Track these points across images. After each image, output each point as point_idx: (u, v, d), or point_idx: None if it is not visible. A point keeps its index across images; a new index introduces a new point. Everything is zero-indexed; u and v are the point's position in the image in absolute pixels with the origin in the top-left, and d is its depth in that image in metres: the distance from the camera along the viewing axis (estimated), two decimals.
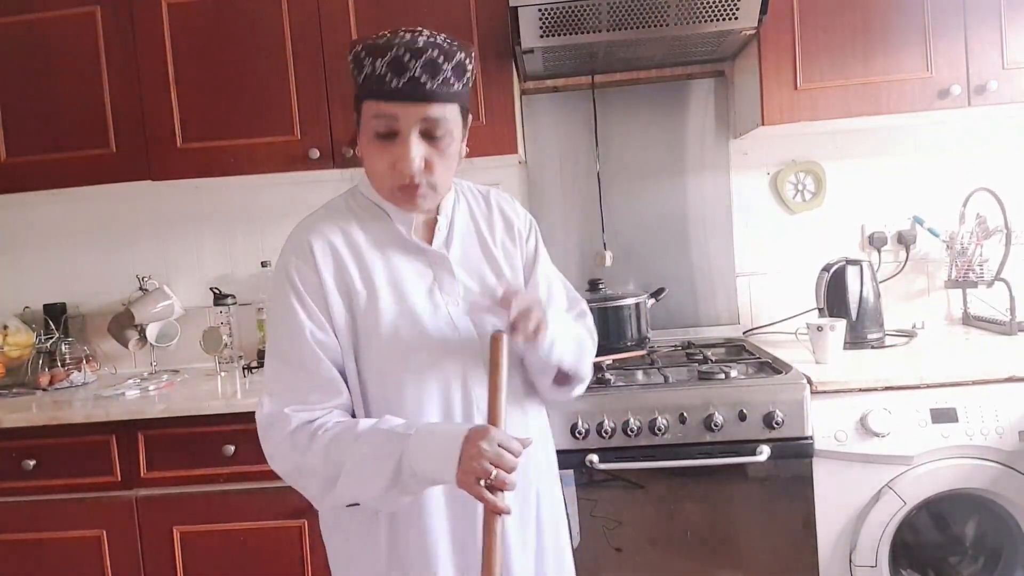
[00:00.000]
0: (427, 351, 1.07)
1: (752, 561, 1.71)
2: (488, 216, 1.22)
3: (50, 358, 2.28)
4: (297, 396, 1.05)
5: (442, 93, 1.02)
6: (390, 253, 1.12)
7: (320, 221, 1.12)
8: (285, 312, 1.07)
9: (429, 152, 1.04)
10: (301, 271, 1.07)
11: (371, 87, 1.01)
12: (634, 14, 1.85)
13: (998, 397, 1.66)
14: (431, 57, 0.99)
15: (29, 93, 2.08)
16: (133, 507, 1.84)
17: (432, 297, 1.11)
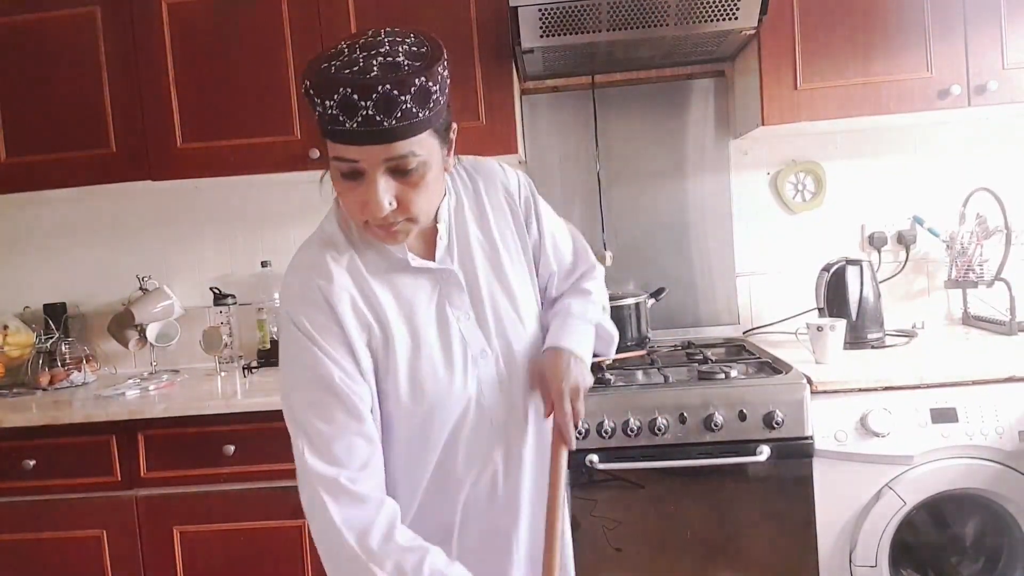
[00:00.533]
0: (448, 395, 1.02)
1: (752, 561, 1.71)
2: (480, 205, 1.13)
3: (50, 358, 2.28)
4: (343, 462, 0.95)
5: (403, 128, 0.89)
6: (395, 279, 1.03)
7: (322, 259, 1.01)
8: (318, 368, 0.96)
9: (401, 188, 0.93)
10: (316, 321, 0.97)
11: (326, 127, 0.90)
12: (634, 14, 1.85)
13: (998, 397, 1.66)
14: (383, 93, 0.85)
15: (29, 93, 2.08)
16: (133, 507, 1.84)
17: (444, 318, 1.04)
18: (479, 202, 1.14)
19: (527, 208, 1.18)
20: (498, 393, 1.06)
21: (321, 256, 1.01)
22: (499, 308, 1.08)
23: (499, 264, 1.11)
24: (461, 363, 1.04)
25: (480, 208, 1.13)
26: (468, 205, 1.12)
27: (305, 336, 0.97)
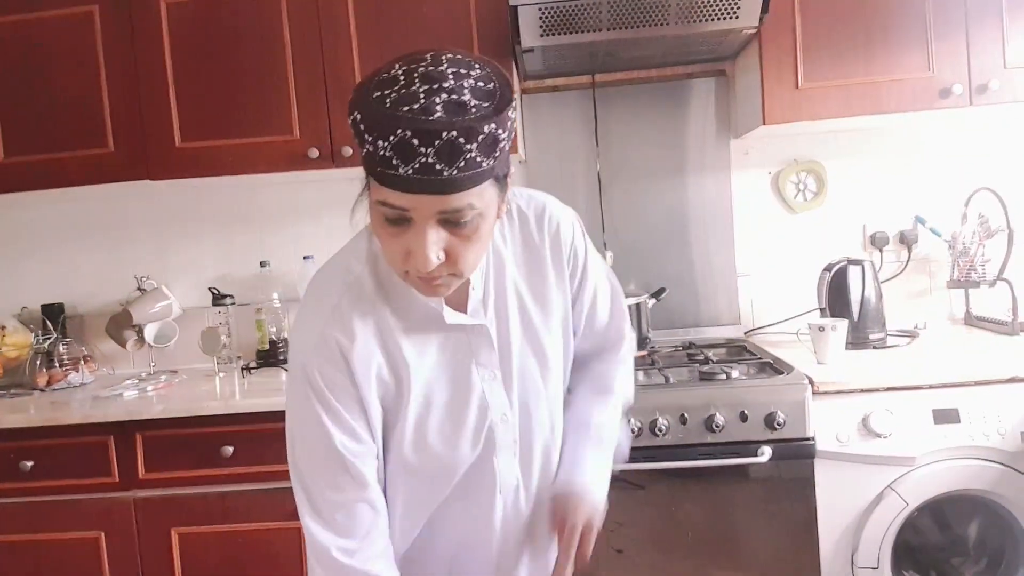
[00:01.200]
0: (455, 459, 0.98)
1: (753, 562, 1.70)
2: (523, 247, 1.02)
3: (48, 358, 2.27)
4: (345, 530, 0.92)
5: (464, 179, 0.77)
6: (420, 330, 0.94)
7: (345, 310, 0.91)
8: (320, 429, 0.91)
9: (451, 241, 0.82)
10: (329, 378, 0.90)
11: (374, 169, 0.78)
12: (634, 13, 1.85)
13: (1000, 398, 1.65)
14: (448, 140, 0.73)
15: (27, 93, 2.07)
16: (131, 508, 1.83)
17: (467, 375, 0.97)
18: (523, 245, 1.02)
19: (574, 260, 1.06)
20: (510, 457, 1.01)
21: (344, 305, 0.91)
22: (527, 369, 1.00)
23: (534, 320, 1.01)
24: (474, 427, 0.97)
25: (524, 252, 1.02)
26: (511, 250, 1.01)
27: (315, 393, 0.90)
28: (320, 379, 0.90)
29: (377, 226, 0.84)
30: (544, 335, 1.01)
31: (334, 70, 2.01)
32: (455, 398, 0.96)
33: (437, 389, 0.95)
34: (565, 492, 1.04)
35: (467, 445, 0.97)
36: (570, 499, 1.03)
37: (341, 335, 0.90)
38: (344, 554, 0.91)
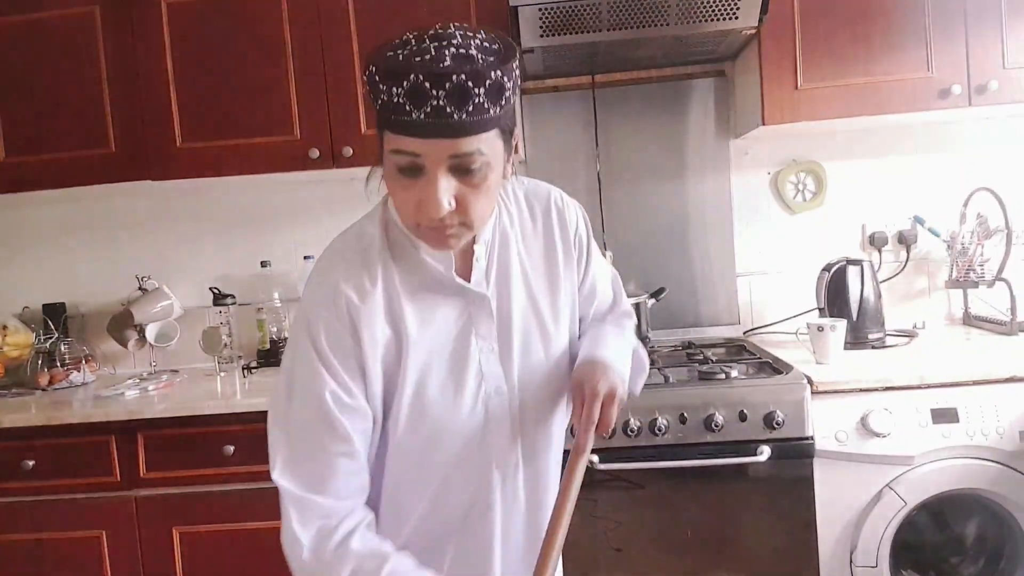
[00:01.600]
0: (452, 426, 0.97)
1: (753, 562, 1.70)
2: (531, 231, 1.05)
3: (49, 358, 2.28)
4: (315, 480, 0.92)
5: (474, 123, 0.82)
6: (425, 296, 0.97)
7: (357, 269, 0.95)
8: (317, 384, 0.91)
9: (461, 189, 0.86)
10: (333, 332, 0.91)
11: (388, 117, 0.83)
12: (634, 14, 1.85)
13: (999, 397, 1.66)
14: (458, 83, 0.79)
15: (28, 93, 2.08)
16: (133, 507, 1.84)
17: (466, 344, 0.98)
18: (532, 229, 1.06)
19: (580, 247, 1.10)
20: (508, 433, 1.00)
21: (356, 265, 0.95)
22: (530, 346, 1.01)
23: (539, 300, 1.03)
24: (472, 394, 0.98)
25: (532, 235, 1.05)
26: (518, 230, 1.04)
27: (314, 344, 0.91)
28: (323, 332, 0.91)
29: (390, 179, 0.88)
30: (549, 317, 1.03)
31: (334, 70, 2.01)
32: (455, 365, 0.97)
33: (437, 355, 0.96)
34: (586, 364, 1.03)
35: (466, 410, 0.97)
36: (591, 368, 1.01)
37: (351, 292, 0.93)
38: (317, 495, 0.91)
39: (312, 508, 0.90)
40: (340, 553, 0.89)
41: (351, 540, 0.90)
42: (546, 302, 1.03)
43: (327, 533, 0.89)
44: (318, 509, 0.90)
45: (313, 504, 0.90)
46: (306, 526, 0.90)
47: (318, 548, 0.89)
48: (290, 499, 0.91)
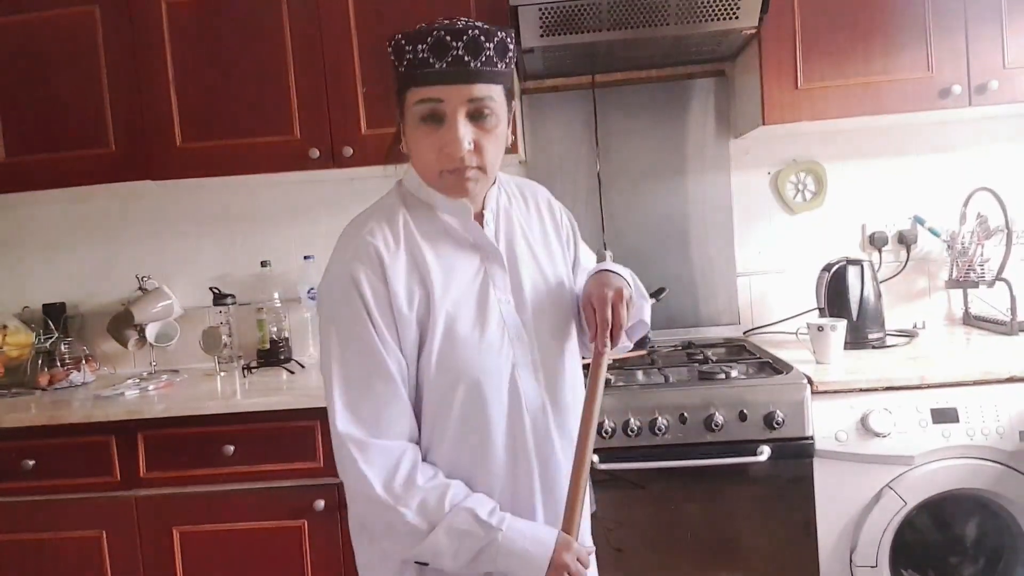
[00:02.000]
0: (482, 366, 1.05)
1: (752, 561, 1.70)
2: (527, 211, 1.20)
3: (49, 358, 2.28)
4: (372, 425, 1.02)
5: (486, 72, 1.00)
6: (443, 250, 1.08)
7: (378, 221, 1.07)
8: (359, 331, 1.02)
9: (477, 134, 1.02)
10: (370, 280, 1.02)
11: (414, 73, 0.99)
12: (634, 13, 1.85)
13: (999, 397, 1.66)
14: (473, 36, 0.98)
15: (28, 93, 2.08)
16: (133, 507, 1.84)
17: (485, 295, 1.08)
18: (528, 208, 1.20)
19: (570, 231, 1.25)
20: (532, 377, 1.09)
21: (381, 225, 1.07)
22: (541, 300, 1.12)
23: (543, 264, 1.16)
24: (498, 339, 1.06)
25: (527, 216, 1.19)
26: (517, 208, 1.19)
27: (355, 296, 1.01)
28: (361, 282, 1.01)
29: (414, 132, 1.03)
30: (552, 277, 1.16)
31: (334, 70, 2.01)
32: (480, 314, 1.07)
33: (464, 304, 1.06)
34: (590, 282, 1.15)
35: (493, 352, 1.06)
36: (595, 282, 1.13)
37: (380, 244, 1.04)
38: (375, 437, 1.01)
39: (374, 450, 1.01)
40: (408, 486, 1.00)
41: (416, 475, 1.01)
42: (549, 267, 1.16)
43: (392, 471, 1.00)
44: (380, 450, 1.01)
45: (375, 446, 1.01)
46: (372, 466, 1.00)
47: (388, 485, 1.00)
48: (353, 444, 1.01)
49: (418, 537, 1.00)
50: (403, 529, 1.00)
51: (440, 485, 1.02)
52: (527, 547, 1.01)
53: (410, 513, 0.99)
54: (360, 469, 1.00)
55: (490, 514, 1.02)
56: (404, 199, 1.12)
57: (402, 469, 1.01)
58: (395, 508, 0.99)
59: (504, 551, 1.01)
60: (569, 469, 1.07)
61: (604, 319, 1.08)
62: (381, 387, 1.02)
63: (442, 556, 1.01)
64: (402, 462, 1.01)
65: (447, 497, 1.01)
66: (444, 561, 1.02)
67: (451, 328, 1.04)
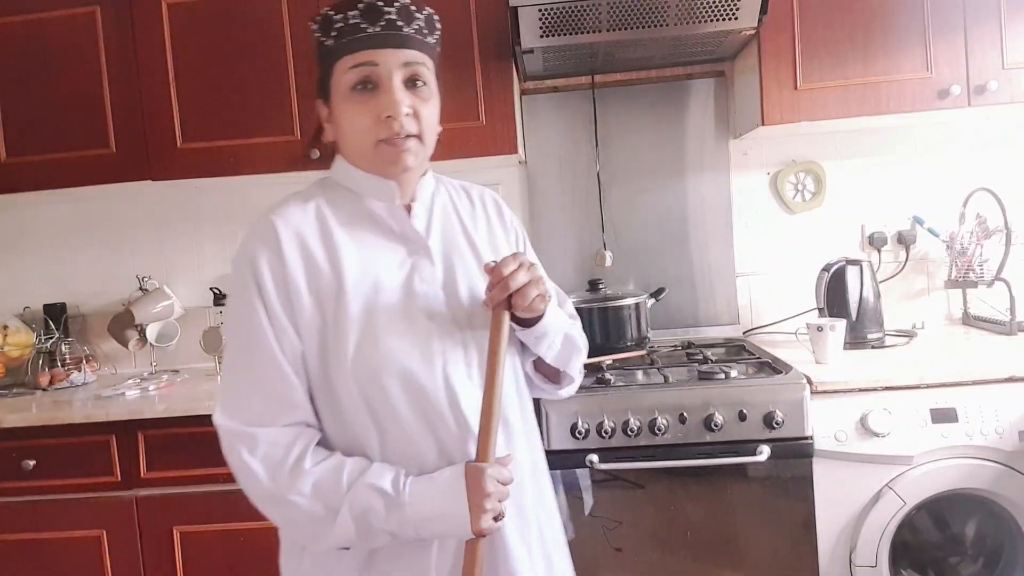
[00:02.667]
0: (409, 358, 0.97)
1: (752, 561, 1.71)
2: (472, 210, 1.14)
3: (50, 358, 2.28)
4: (254, 414, 0.96)
5: (418, 40, 0.99)
6: (365, 238, 1.02)
7: (288, 205, 1.02)
8: (247, 313, 0.96)
9: (414, 100, 0.98)
10: (271, 263, 0.96)
11: (344, 41, 0.97)
12: (634, 14, 1.85)
13: (998, 397, 1.66)
14: (404, 4, 0.97)
15: (29, 93, 2.08)
16: (133, 507, 1.84)
17: (411, 287, 1.01)
18: (473, 207, 1.15)
19: (516, 232, 1.19)
20: (466, 379, 1.00)
21: (286, 206, 1.02)
22: (480, 301, 1.04)
23: (481, 257, 1.09)
24: (424, 333, 0.99)
25: (474, 213, 1.14)
26: (461, 205, 1.14)
27: (249, 281, 0.96)
28: (265, 269, 0.96)
29: (345, 103, 0.99)
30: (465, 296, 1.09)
31: None
32: (404, 307, 1.00)
33: (384, 295, 0.99)
34: None
35: (419, 346, 0.98)
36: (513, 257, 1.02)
37: (280, 222, 0.99)
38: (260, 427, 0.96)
39: (258, 439, 0.95)
40: (296, 474, 0.94)
41: (303, 461, 0.95)
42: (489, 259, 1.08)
43: (279, 460, 0.95)
44: (264, 438, 0.95)
45: (258, 435, 0.96)
46: (256, 455, 0.95)
47: (274, 474, 0.94)
48: (235, 436, 0.97)
49: (324, 524, 0.93)
50: (304, 519, 0.94)
51: (334, 465, 0.95)
52: (438, 506, 0.93)
53: (303, 500, 0.93)
54: (244, 460, 0.95)
55: (392, 484, 0.94)
56: (325, 187, 1.07)
57: (290, 456, 0.95)
58: (286, 498, 0.93)
59: (418, 519, 0.93)
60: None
61: (498, 272, 0.98)
62: (267, 372, 0.96)
63: (358, 539, 0.94)
64: (292, 449, 0.95)
65: (343, 475, 0.94)
66: (363, 544, 0.95)
67: (370, 319, 0.97)
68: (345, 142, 1.04)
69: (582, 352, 1.19)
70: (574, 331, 1.18)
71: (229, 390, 0.99)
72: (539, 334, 1.07)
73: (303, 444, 0.97)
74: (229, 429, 0.97)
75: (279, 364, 0.96)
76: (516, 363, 1.12)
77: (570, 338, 1.15)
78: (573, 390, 1.23)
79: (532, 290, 1.00)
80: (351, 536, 0.94)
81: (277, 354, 0.96)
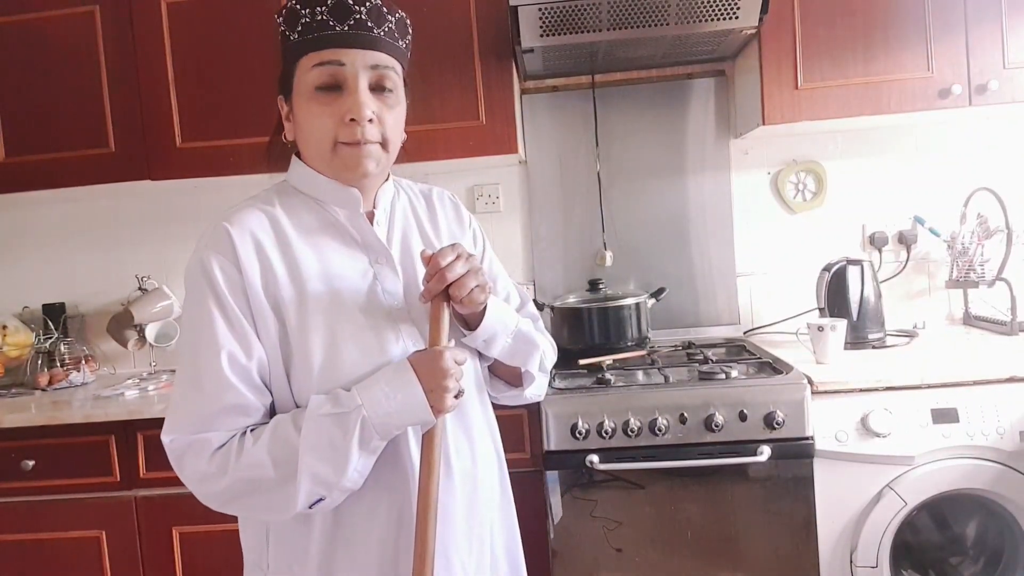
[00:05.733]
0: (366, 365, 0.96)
1: (753, 562, 1.70)
2: (431, 214, 1.12)
3: (49, 358, 2.28)
4: (208, 421, 0.91)
5: (388, 43, 0.95)
6: (325, 246, 0.99)
7: (241, 211, 0.99)
8: (202, 321, 0.92)
9: (378, 106, 0.95)
10: (224, 268, 0.92)
11: (310, 38, 0.92)
12: (634, 13, 1.85)
13: (999, 397, 1.66)
14: (375, 4, 0.94)
15: (28, 93, 2.07)
16: (132, 507, 1.84)
17: (375, 296, 0.99)
18: (431, 210, 1.13)
19: (475, 232, 1.18)
20: None
21: (240, 212, 0.99)
22: None
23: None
24: (392, 343, 0.97)
25: (433, 215, 1.13)
26: (420, 208, 1.12)
27: (207, 282, 0.92)
28: (218, 274, 0.92)
29: (307, 103, 0.95)
30: None
31: None
32: (368, 316, 0.97)
33: (347, 305, 0.96)
34: None
35: (385, 356, 0.96)
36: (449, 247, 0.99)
37: (234, 227, 0.96)
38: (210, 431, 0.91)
39: (205, 443, 0.91)
40: (242, 450, 0.90)
41: (245, 439, 0.92)
42: None
43: (224, 455, 0.91)
44: (217, 440, 0.91)
45: (211, 439, 0.91)
46: (208, 459, 0.91)
47: (224, 467, 0.90)
48: (188, 447, 0.91)
49: (290, 480, 0.88)
50: (270, 486, 0.89)
51: (272, 424, 0.92)
52: (395, 397, 0.90)
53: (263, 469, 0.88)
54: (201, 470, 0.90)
55: (336, 403, 0.90)
56: (281, 193, 1.03)
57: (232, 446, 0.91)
58: (244, 477, 0.89)
59: (379, 418, 0.89)
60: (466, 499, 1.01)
61: (435, 262, 0.95)
62: (224, 380, 0.90)
63: (333, 475, 0.89)
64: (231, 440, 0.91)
65: (287, 425, 0.90)
66: (332, 475, 0.89)
67: (333, 331, 0.94)
68: (304, 143, 1.00)
69: (542, 349, 1.14)
70: (530, 328, 1.14)
71: (181, 403, 0.93)
72: (487, 336, 1.04)
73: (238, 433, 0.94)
74: (181, 442, 0.92)
75: (231, 383, 0.91)
76: (476, 364, 1.10)
77: (524, 334, 1.11)
78: (540, 391, 1.17)
79: (471, 280, 0.96)
80: (326, 475, 0.89)
81: (239, 359, 0.91)
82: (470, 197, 2.37)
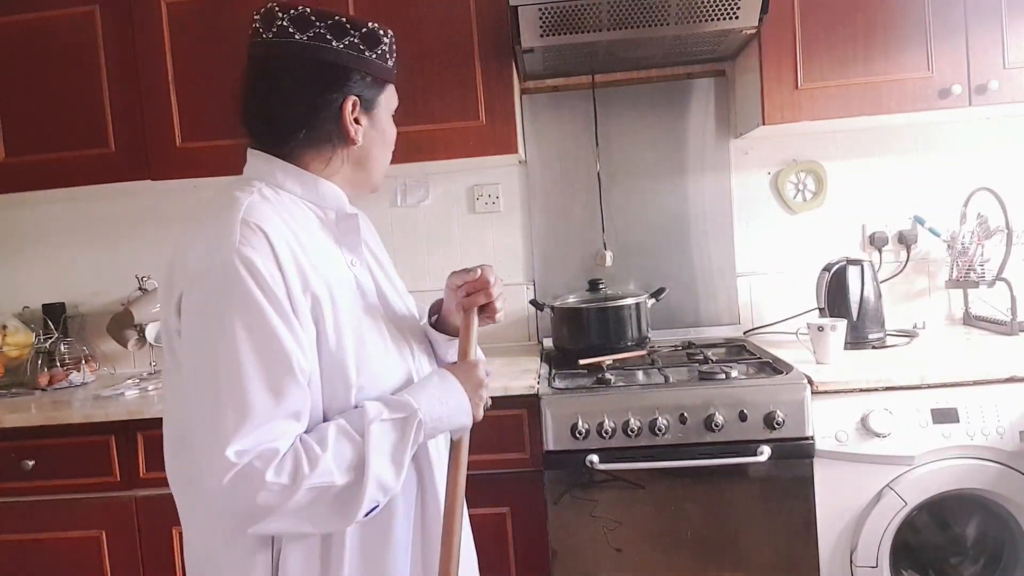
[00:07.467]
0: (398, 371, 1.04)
1: (753, 562, 1.70)
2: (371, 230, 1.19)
3: (49, 358, 2.28)
4: (271, 434, 0.86)
5: None
6: (324, 247, 1.00)
7: (257, 208, 0.94)
8: (251, 317, 0.86)
9: None
10: (268, 269, 0.87)
11: (393, 67, 1.06)
12: (634, 13, 1.85)
13: (999, 397, 1.66)
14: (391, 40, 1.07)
15: (28, 93, 2.07)
16: (132, 507, 1.84)
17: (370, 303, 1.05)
18: (371, 228, 1.18)
19: None
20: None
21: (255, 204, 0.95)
22: (405, 316, 1.11)
23: (392, 277, 1.15)
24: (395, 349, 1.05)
25: (370, 228, 1.17)
26: (372, 235, 1.17)
27: (253, 281, 0.86)
28: (264, 271, 0.87)
29: (390, 124, 1.07)
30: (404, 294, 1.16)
31: None
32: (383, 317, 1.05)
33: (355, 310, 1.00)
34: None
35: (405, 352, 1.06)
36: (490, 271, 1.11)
37: (263, 223, 0.91)
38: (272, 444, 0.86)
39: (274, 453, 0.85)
40: (310, 458, 0.86)
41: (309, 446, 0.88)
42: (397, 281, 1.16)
43: (293, 463, 0.86)
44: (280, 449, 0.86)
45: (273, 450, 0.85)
46: (276, 470, 0.85)
47: (296, 476, 0.85)
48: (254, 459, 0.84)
49: (356, 486, 0.88)
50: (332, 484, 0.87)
51: (335, 429, 0.90)
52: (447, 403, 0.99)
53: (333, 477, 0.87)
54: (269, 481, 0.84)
55: (394, 408, 0.94)
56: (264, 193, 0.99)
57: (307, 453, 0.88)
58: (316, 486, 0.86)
59: (431, 422, 0.96)
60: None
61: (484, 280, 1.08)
62: (286, 386, 0.87)
63: (394, 475, 0.91)
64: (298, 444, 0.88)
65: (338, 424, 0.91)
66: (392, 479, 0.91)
67: (363, 336, 0.98)
68: (376, 155, 1.07)
69: None
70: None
71: (243, 411, 0.85)
72: None
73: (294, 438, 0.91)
74: (250, 455, 0.84)
75: (303, 375, 0.89)
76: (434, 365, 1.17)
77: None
78: None
79: (501, 302, 1.11)
80: (388, 479, 0.91)
81: (301, 362, 0.89)
82: (470, 197, 2.37)
